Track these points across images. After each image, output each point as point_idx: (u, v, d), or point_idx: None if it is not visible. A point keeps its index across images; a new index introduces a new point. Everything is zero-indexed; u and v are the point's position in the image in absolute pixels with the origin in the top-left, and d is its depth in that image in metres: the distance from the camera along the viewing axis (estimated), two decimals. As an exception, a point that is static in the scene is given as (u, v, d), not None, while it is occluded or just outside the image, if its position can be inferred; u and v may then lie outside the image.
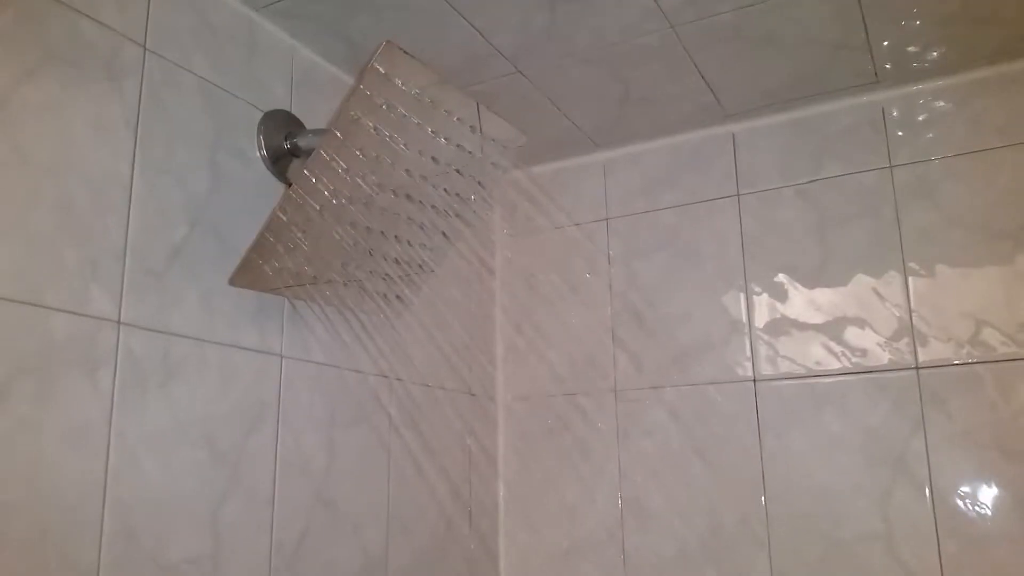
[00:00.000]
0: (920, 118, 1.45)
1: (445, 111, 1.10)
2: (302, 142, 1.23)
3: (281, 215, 1.04)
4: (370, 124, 1.04)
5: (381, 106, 1.02)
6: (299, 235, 1.06)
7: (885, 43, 1.34)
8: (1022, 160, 1.37)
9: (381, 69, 1.00)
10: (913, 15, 1.27)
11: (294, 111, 1.28)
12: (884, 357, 1.42)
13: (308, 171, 1.03)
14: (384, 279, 1.23)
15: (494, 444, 1.68)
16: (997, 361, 1.34)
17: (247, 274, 1.08)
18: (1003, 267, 1.36)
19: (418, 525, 1.44)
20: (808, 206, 1.52)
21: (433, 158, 1.14)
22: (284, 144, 1.24)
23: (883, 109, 1.49)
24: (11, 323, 0.88)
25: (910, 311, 1.41)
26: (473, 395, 1.63)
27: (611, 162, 1.70)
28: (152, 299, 1.03)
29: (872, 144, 1.48)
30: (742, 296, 1.54)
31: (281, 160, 1.24)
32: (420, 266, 1.27)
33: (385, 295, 1.25)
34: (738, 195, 1.58)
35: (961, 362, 1.36)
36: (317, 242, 1.10)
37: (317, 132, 1.23)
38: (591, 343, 1.65)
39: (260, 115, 1.23)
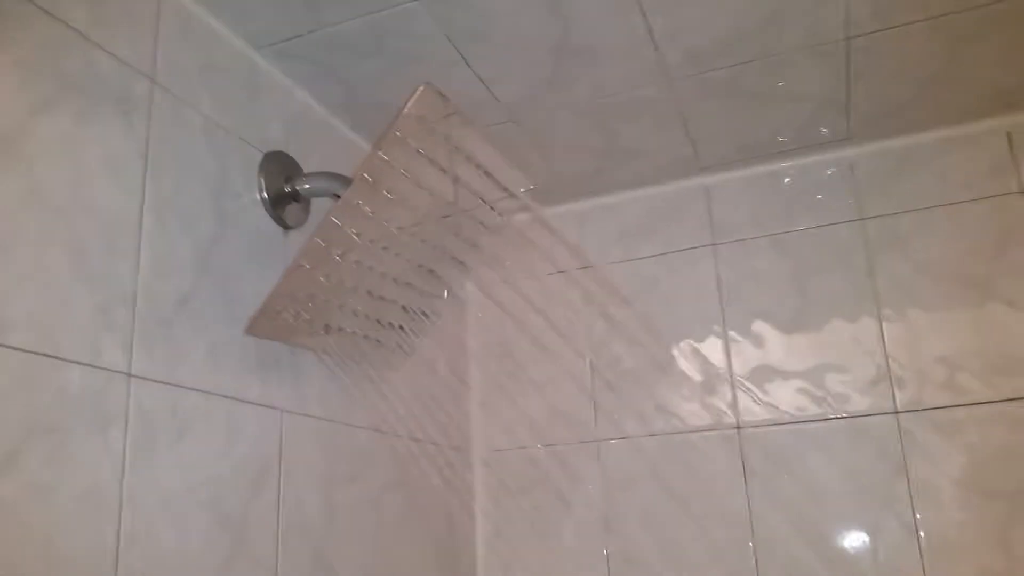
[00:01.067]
0: (889, 173, 1.53)
1: (466, 156, 1.09)
2: (305, 186, 1.19)
3: (304, 263, 0.99)
4: (400, 167, 1.01)
5: (414, 149, 1.00)
6: (321, 282, 1.01)
7: (864, 101, 1.41)
8: (987, 213, 1.45)
9: (416, 112, 0.97)
10: (896, 75, 1.34)
11: (290, 153, 1.24)
12: (864, 402, 1.46)
13: (336, 217, 0.99)
14: (389, 328, 1.19)
15: (471, 499, 1.63)
16: (973, 404, 1.40)
17: (265, 323, 1.02)
18: (974, 313, 1.43)
19: (407, 586, 1.38)
20: (783, 256, 1.56)
21: (449, 203, 1.12)
22: (284, 187, 1.19)
23: (852, 164, 1.56)
24: (28, 376, 0.79)
25: (887, 357, 1.46)
26: (454, 449, 1.59)
27: (587, 212, 1.71)
28: (161, 349, 0.96)
29: (843, 197, 1.55)
30: (721, 343, 1.56)
31: (280, 203, 1.18)
32: (424, 314, 1.23)
33: (395, 343, 1.21)
34: (713, 244, 1.61)
35: (938, 406, 1.42)
36: (335, 290, 1.05)
37: (326, 176, 1.18)
38: (570, 393, 1.64)
39: (260, 156, 1.18)
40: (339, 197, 1.13)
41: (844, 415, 1.47)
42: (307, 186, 1.18)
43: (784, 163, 1.59)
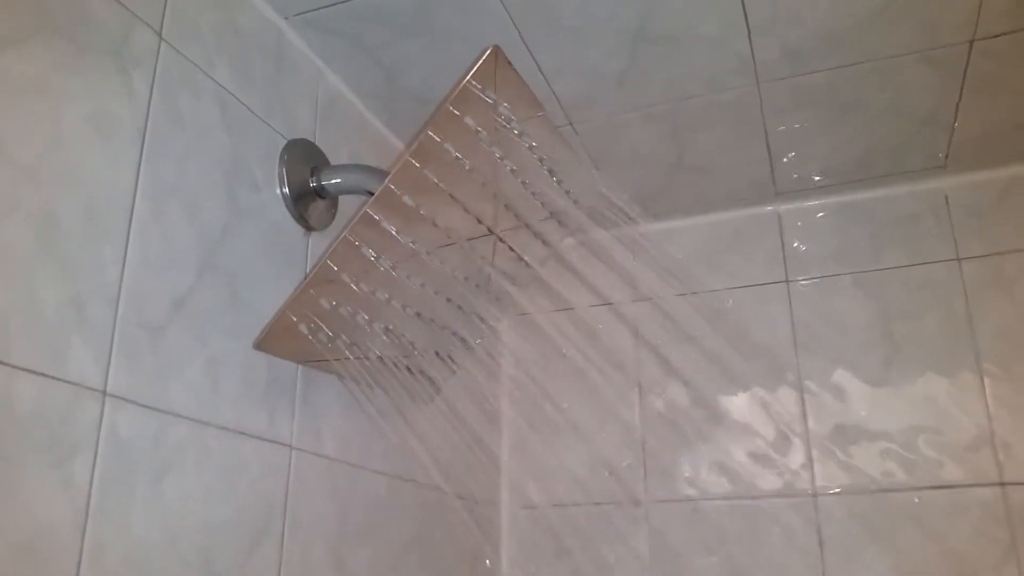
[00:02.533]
0: (990, 207, 1.34)
1: (529, 147, 0.90)
2: (334, 181, 1.00)
3: (332, 264, 0.80)
4: (451, 150, 0.82)
5: (474, 130, 0.81)
6: (352, 290, 0.82)
7: (972, 121, 1.22)
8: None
9: (477, 84, 0.79)
10: (1015, 90, 1.16)
11: (317, 143, 1.05)
12: (962, 470, 1.25)
13: (372, 210, 0.79)
14: (424, 353, 0.99)
15: (498, 563, 1.41)
16: (1096, 478, 1.19)
17: (279, 338, 0.82)
18: (1094, 373, 1.23)
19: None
20: (868, 297, 1.37)
21: (506, 206, 0.93)
22: (310, 181, 1.00)
23: (946, 196, 1.37)
24: (-37, 384, 0.60)
25: (989, 418, 1.26)
26: (482, 503, 1.37)
27: (644, 237, 1.52)
28: (147, 363, 0.76)
29: (937, 233, 1.36)
30: (795, 395, 1.36)
31: (303, 199, 1.00)
32: (463, 340, 1.03)
33: (423, 373, 1.00)
34: (787, 281, 1.42)
35: (1055, 478, 1.21)
36: (366, 301, 0.86)
37: (360, 169, 1.00)
38: (616, 445, 1.43)
39: (283, 143, 0.99)
40: (370, 195, 0.95)
41: (940, 484, 1.26)
42: (337, 181, 0.99)
43: (870, 192, 1.40)
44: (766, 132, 1.26)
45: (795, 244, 1.43)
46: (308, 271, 1.00)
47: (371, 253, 0.81)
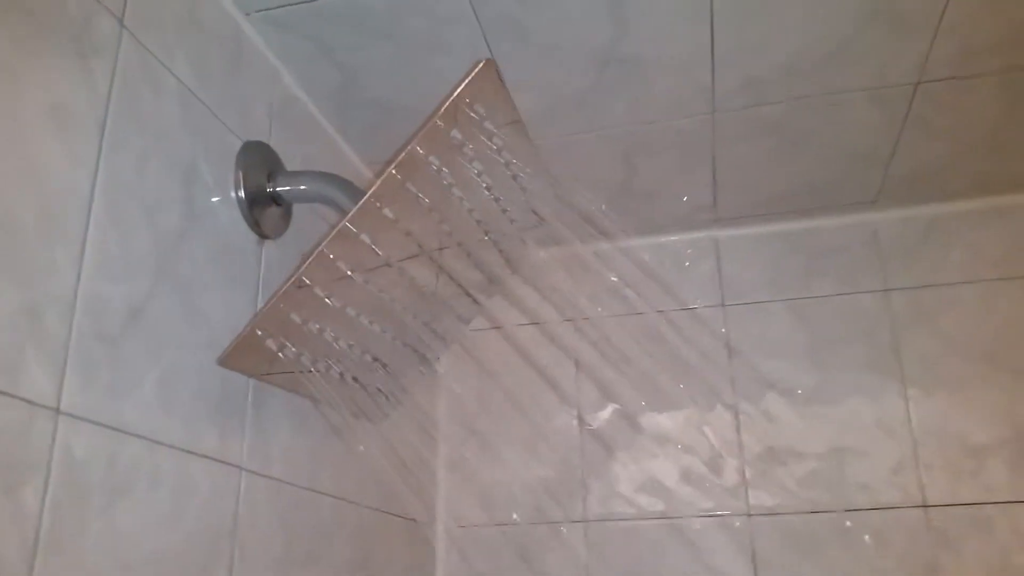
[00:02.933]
0: (916, 243, 1.41)
1: (506, 164, 0.88)
2: (299, 187, 0.95)
3: (305, 280, 0.76)
4: (435, 163, 0.79)
5: (457, 145, 0.79)
6: (327, 304, 0.78)
7: (907, 159, 1.28)
8: (1020, 293, 1.34)
9: (467, 99, 0.77)
10: (948, 133, 1.22)
11: (272, 146, 1.00)
12: (889, 493, 1.30)
13: (352, 224, 0.76)
14: (382, 369, 0.95)
15: (431, 583, 1.38)
16: (1007, 502, 1.26)
17: (245, 353, 0.77)
18: (1007, 400, 1.30)
19: None
20: (800, 323, 1.41)
21: (478, 221, 0.91)
22: (267, 186, 0.95)
23: (875, 230, 1.43)
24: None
25: (914, 442, 1.32)
26: (419, 523, 1.33)
27: (582, 257, 1.52)
28: (103, 378, 0.70)
29: (866, 266, 1.41)
30: (730, 416, 1.38)
31: (258, 205, 0.94)
32: (424, 357, 1.00)
33: (379, 391, 0.97)
34: (723, 305, 1.45)
35: (973, 501, 1.27)
36: (336, 317, 0.81)
37: (322, 177, 0.95)
38: (553, 464, 1.42)
39: (239, 144, 0.94)
40: (338, 206, 0.91)
41: (867, 507, 1.30)
42: (300, 188, 0.94)
43: (805, 223, 1.45)
44: (714, 159, 1.28)
45: (731, 270, 1.46)
46: (260, 281, 0.94)
47: (344, 267, 0.77)
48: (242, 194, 0.92)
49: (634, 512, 1.37)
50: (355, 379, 0.91)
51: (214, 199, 0.88)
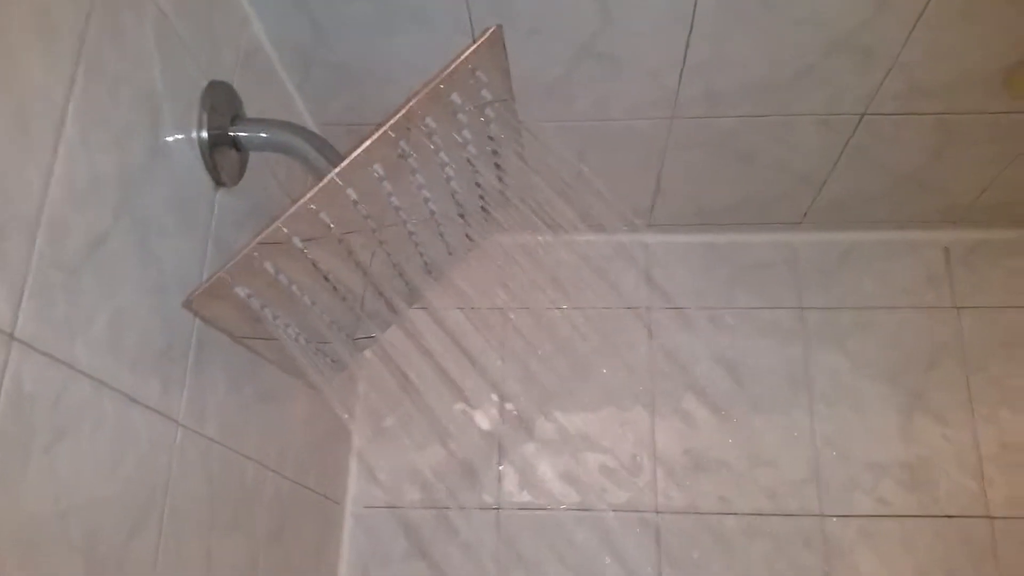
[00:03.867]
0: (832, 266, 1.48)
1: (489, 136, 0.88)
2: (259, 134, 0.91)
3: (283, 228, 0.73)
4: (432, 124, 0.78)
5: (453, 113, 0.78)
6: (304, 255, 0.75)
7: (837, 185, 1.35)
8: (922, 322, 1.44)
9: (470, 65, 0.76)
10: (880, 166, 1.29)
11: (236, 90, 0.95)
12: (791, 501, 1.36)
13: (340, 178, 0.73)
14: (335, 329, 0.92)
15: (336, 564, 1.34)
16: (898, 516, 1.34)
17: (213, 299, 0.73)
18: (903, 421, 1.39)
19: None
20: (719, 332, 1.46)
21: (453, 193, 0.90)
22: (228, 130, 0.90)
23: (795, 250, 1.50)
24: None
25: (817, 455, 1.38)
26: (330, 500, 1.30)
27: (517, 248, 1.52)
28: (59, 309, 0.65)
29: (785, 284, 1.48)
30: (647, 416, 1.42)
31: (218, 148, 0.90)
32: (369, 330, 0.98)
33: (327, 358, 0.94)
34: (648, 308, 1.48)
35: (865, 514, 1.35)
36: (308, 271, 0.79)
37: (289, 127, 0.91)
38: (470, 449, 1.41)
39: (205, 83, 0.89)
40: (304, 157, 0.88)
41: (769, 512, 1.36)
42: (263, 135, 0.90)
43: (733, 236, 1.50)
44: (662, 165, 1.31)
45: (659, 275, 1.50)
46: (212, 230, 0.90)
47: (327, 220, 0.74)
48: (204, 134, 0.87)
49: (546, 501, 1.38)
50: (307, 341, 0.88)
51: (178, 136, 0.83)
